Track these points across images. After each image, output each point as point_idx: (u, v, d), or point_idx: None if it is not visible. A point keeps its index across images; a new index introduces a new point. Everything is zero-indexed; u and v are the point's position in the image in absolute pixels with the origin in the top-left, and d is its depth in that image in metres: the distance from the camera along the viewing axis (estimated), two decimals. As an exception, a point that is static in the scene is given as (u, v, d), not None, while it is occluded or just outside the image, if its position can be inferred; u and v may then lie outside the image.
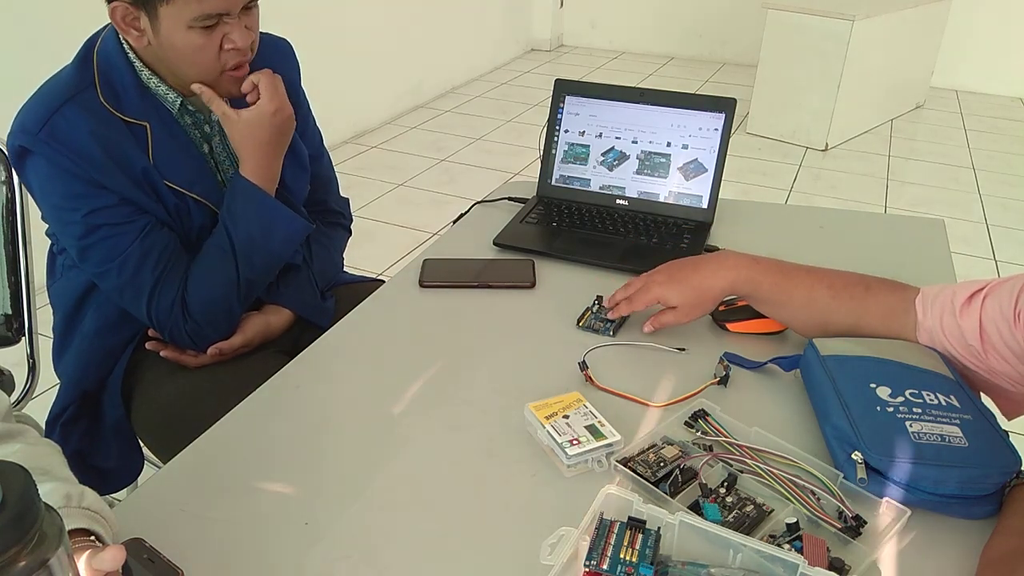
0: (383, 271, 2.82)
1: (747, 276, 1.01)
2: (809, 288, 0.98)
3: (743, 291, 1.02)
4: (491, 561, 0.75)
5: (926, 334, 0.92)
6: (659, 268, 1.08)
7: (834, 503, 0.78)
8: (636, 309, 1.07)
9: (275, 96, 1.12)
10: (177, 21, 1.03)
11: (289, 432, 0.92)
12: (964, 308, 0.88)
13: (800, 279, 0.99)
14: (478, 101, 4.91)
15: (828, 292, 0.97)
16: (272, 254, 1.21)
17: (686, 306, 1.03)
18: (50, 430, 1.27)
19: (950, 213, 3.40)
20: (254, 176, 1.15)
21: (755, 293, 1.02)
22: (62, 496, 0.65)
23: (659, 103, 1.38)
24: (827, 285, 0.97)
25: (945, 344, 0.90)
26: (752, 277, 1.01)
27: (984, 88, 5.06)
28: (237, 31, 1.07)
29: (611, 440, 0.85)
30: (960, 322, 0.88)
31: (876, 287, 0.96)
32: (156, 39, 1.05)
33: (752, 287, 1.01)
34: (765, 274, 1.00)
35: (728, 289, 1.02)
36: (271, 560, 0.75)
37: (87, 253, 1.11)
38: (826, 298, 0.97)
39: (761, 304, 1.04)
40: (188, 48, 1.05)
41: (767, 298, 1.01)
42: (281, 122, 1.14)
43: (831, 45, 3.85)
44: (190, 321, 1.16)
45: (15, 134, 1.07)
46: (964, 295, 0.89)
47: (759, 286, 1.00)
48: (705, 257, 1.06)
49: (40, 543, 0.45)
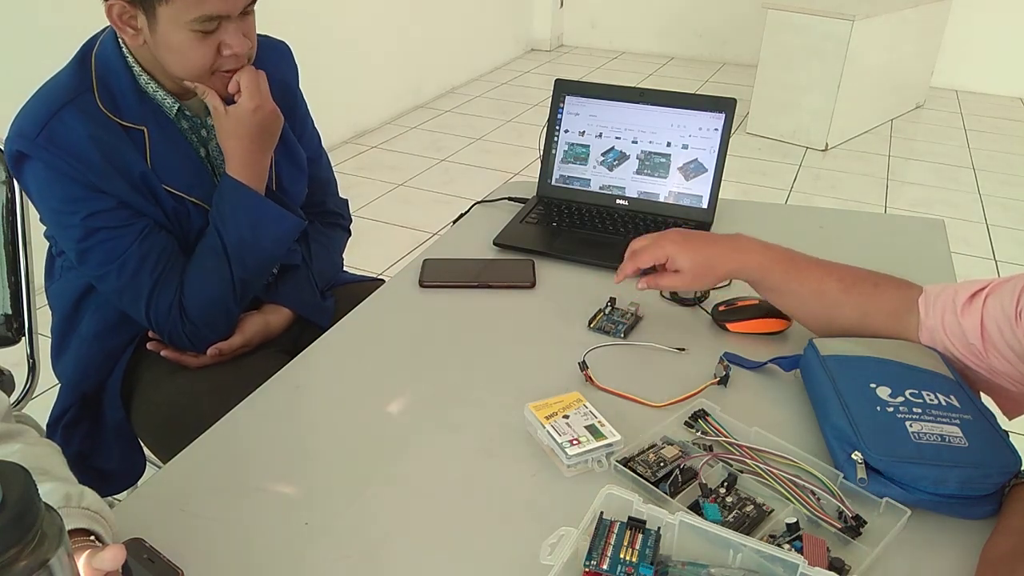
0: (383, 271, 2.82)
1: (758, 262, 1.00)
2: (819, 280, 0.97)
3: (753, 277, 1.01)
4: (491, 561, 0.75)
5: (928, 333, 0.92)
6: (671, 230, 1.05)
7: (834, 503, 0.78)
8: (642, 265, 1.04)
9: (255, 93, 1.12)
10: (175, 22, 1.02)
11: (289, 432, 0.92)
12: (966, 307, 0.88)
13: (811, 270, 0.98)
14: (478, 101, 4.91)
15: (838, 285, 0.96)
16: (264, 252, 1.20)
17: (691, 273, 1.01)
18: (51, 433, 1.27)
19: (950, 213, 3.40)
20: (240, 174, 1.15)
21: (764, 280, 1.00)
22: (62, 496, 0.65)
23: (659, 103, 1.38)
24: (837, 278, 0.97)
25: (946, 343, 0.90)
26: (763, 264, 1.00)
27: (984, 88, 5.06)
28: (235, 37, 1.07)
29: (611, 440, 0.85)
30: (961, 321, 0.88)
31: (884, 284, 0.96)
32: (152, 38, 1.05)
33: (762, 274, 1.00)
34: (776, 262, 0.99)
35: (736, 272, 1.01)
36: (271, 560, 0.75)
37: (86, 256, 1.11)
38: (836, 291, 0.96)
39: (768, 292, 1.02)
40: (183, 49, 1.05)
41: (776, 286, 1.00)
42: (262, 119, 1.13)
43: (831, 45, 3.85)
44: (188, 323, 1.16)
45: (12, 139, 1.07)
46: (966, 294, 0.89)
47: (769, 273, 0.99)
48: (720, 235, 1.05)
49: (40, 543, 0.45)
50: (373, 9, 4.16)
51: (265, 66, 1.16)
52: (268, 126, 1.15)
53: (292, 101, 1.30)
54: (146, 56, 1.10)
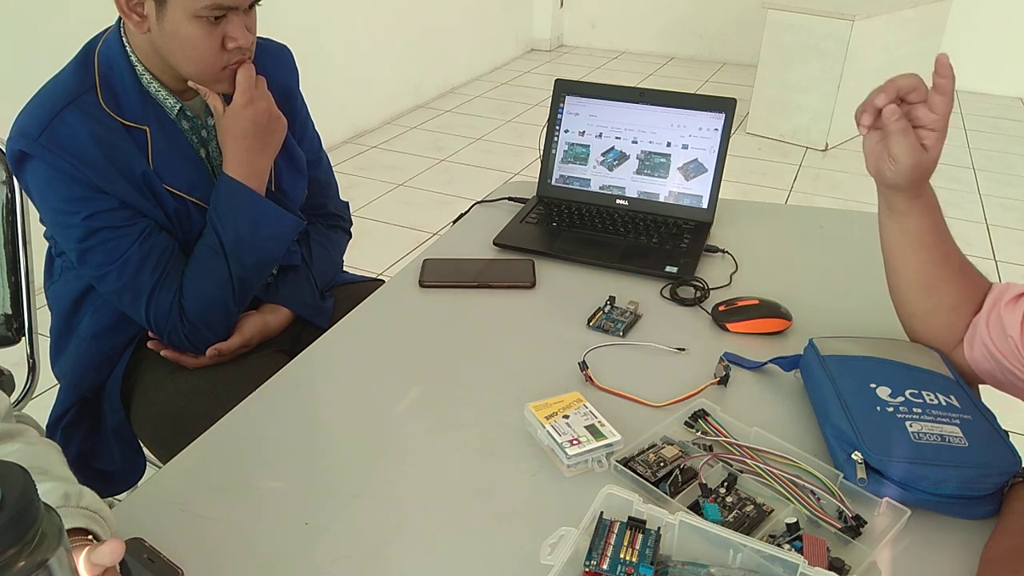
0: (383, 271, 2.82)
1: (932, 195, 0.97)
2: (956, 252, 0.96)
3: (921, 189, 0.97)
4: (491, 561, 0.75)
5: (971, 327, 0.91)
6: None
7: (834, 503, 0.78)
8: (890, 98, 0.97)
9: (246, 90, 1.12)
10: (185, 11, 1.03)
11: (289, 432, 0.92)
12: (1011, 303, 0.88)
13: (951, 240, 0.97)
14: (478, 101, 4.91)
15: (964, 262, 0.95)
16: (262, 251, 1.20)
17: (934, 139, 0.97)
18: (51, 433, 1.27)
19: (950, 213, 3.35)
20: (236, 172, 1.15)
21: (930, 203, 0.97)
22: (60, 495, 0.65)
23: (659, 103, 1.38)
24: (964, 260, 0.96)
25: (984, 337, 0.89)
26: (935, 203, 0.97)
27: (984, 88, 5.06)
28: (239, 29, 1.07)
29: (611, 440, 0.85)
30: (1003, 314, 0.87)
31: (980, 281, 0.95)
32: (159, 27, 1.05)
33: (932, 200, 0.97)
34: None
35: (920, 177, 0.97)
36: (271, 560, 0.75)
37: (87, 256, 1.11)
38: (959, 266, 0.94)
39: (910, 214, 0.97)
40: (190, 40, 1.05)
41: (937, 221, 0.97)
42: (255, 115, 1.13)
43: (831, 45, 3.85)
44: (187, 323, 1.16)
45: (14, 138, 1.07)
46: (1014, 292, 0.89)
47: (935, 209, 0.97)
48: None
49: (39, 543, 0.45)
50: (373, 9, 4.16)
51: (266, 70, 1.16)
52: (263, 124, 1.15)
53: (292, 105, 1.30)
54: (150, 54, 1.10)
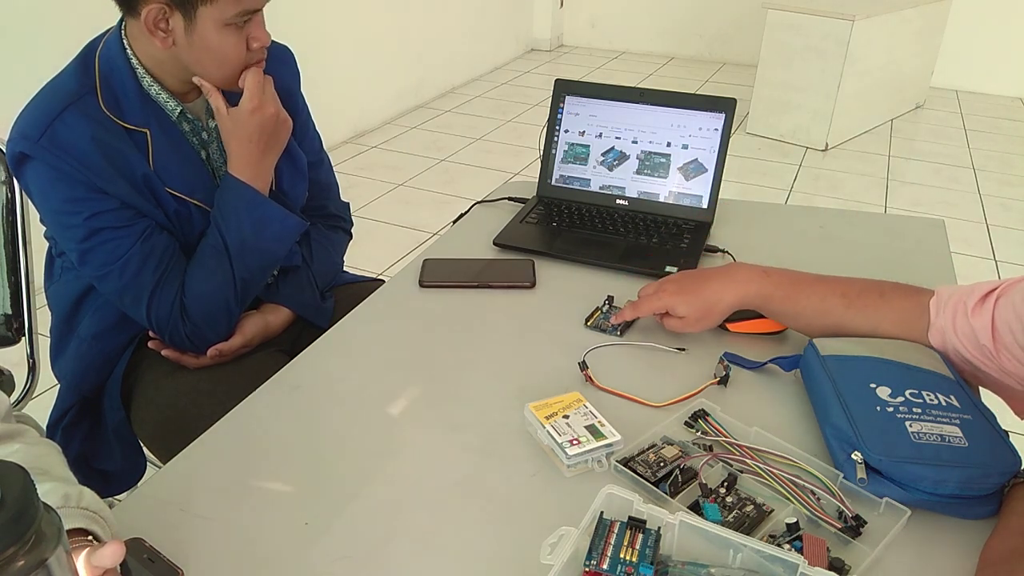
0: (383, 271, 2.82)
1: (757, 290, 1.01)
2: (821, 298, 0.98)
3: (754, 304, 1.02)
4: (491, 561, 0.75)
5: (938, 334, 0.92)
6: (672, 277, 1.08)
7: (834, 503, 0.78)
8: (640, 315, 1.08)
9: (256, 95, 1.12)
10: (215, 21, 1.04)
11: (289, 432, 0.92)
12: (976, 308, 0.88)
13: (812, 289, 0.99)
14: (478, 101, 4.91)
15: (842, 301, 0.97)
16: (266, 252, 1.20)
17: (692, 318, 1.03)
18: (51, 434, 1.27)
19: (950, 213, 3.40)
20: (241, 173, 1.15)
21: (767, 306, 1.02)
22: (60, 496, 0.65)
23: (659, 103, 1.38)
24: (840, 294, 0.97)
25: (956, 345, 0.90)
26: (762, 291, 1.00)
27: (984, 88, 5.06)
28: (260, 29, 1.10)
29: (611, 440, 0.85)
30: (972, 322, 0.88)
31: (890, 293, 0.96)
32: (187, 40, 1.05)
33: (763, 300, 1.01)
34: (776, 287, 1.00)
35: (737, 303, 1.02)
36: (271, 560, 0.75)
37: (88, 256, 1.11)
38: (840, 307, 0.97)
39: (774, 316, 1.04)
40: (222, 48, 1.06)
41: (779, 310, 1.02)
42: (263, 120, 1.13)
43: (831, 45, 3.85)
44: (188, 323, 1.16)
45: (15, 140, 1.07)
46: (977, 296, 0.89)
47: (770, 299, 1.00)
48: (717, 270, 1.06)
49: (39, 543, 0.45)
50: (374, 9, 4.16)
51: (268, 71, 1.16)
52: (270, 129, 1.15)
53: (294, 106, 1.30)
54: (153, 58, 1.10)
